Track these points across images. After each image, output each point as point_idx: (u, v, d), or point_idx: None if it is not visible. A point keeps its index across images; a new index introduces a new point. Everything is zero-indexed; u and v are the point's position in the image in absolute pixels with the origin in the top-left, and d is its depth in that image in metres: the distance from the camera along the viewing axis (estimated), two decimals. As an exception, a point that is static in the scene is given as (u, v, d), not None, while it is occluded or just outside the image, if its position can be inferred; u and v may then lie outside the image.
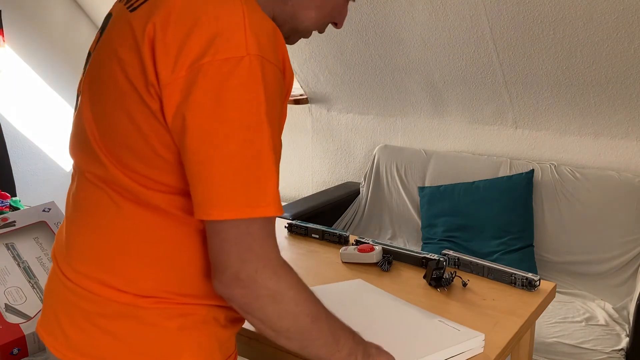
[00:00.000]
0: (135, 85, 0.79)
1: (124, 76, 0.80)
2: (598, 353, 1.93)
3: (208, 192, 0.76)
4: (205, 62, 0.74)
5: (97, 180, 0.86)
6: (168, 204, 0.83)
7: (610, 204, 2.40)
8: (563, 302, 2.22)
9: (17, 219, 1.60)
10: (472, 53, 2.56)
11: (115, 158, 0.83)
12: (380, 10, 2.61)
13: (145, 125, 0.79)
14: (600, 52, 2.26)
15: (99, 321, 0.86)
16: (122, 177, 0.83)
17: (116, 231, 0.85)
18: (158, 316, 0.86)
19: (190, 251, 0.86)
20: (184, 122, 0.76)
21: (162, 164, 0.81)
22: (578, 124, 2.57)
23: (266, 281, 0.79)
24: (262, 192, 0.77)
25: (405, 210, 2.88)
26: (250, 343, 1.24)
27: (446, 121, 2.94)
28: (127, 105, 0.80)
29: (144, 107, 0.79)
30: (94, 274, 0.87)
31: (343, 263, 1.59)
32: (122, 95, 0.81)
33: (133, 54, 0.80)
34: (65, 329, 0.89)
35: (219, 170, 0.75)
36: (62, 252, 0.93)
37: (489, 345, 1.16)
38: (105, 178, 0.85)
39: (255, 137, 0.76)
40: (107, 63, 0.84)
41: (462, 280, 1.44)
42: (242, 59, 0.75)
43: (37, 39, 3.42)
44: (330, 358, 0.89)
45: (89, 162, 0.87)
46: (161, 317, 0.86)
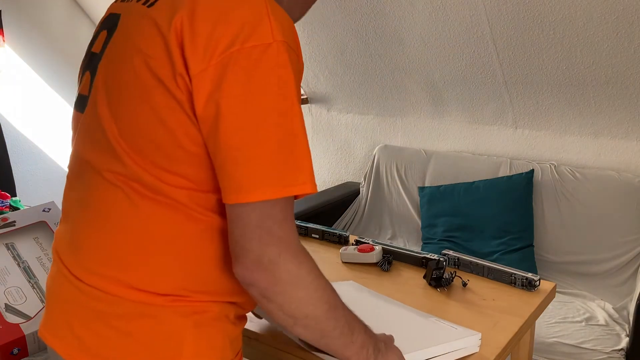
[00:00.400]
0: (161, 78, 0.79)
1: (148, 70, 0.81)
2: (598, 353, 1.93)
3: (245, 176, 0.78)
4: (235, 50, 0.77)
5: (115, 178, 0.85)
6: (188, 200, 0.83)
7: (610, 204, 2.39)
8: (563, 302, 2.22)
9: (17, 219, 1.60)
10: (472, 53, 2.56)
11: (137, 155, 0.83)
12: (380, 10, 2.61)
13: (170, 119, 0.80)
14: (600, 52, 2.26)
15: (115, 322, 0.85)
16: (143, 174, 0.82)
17: (134, 230, 0.85)
18: (174, 314, 0.86)
19: (207, 248, 0.87)
20: (218, 110, 0.77)
21: (186, 157, 0.81)
22: (578, 124, 2.57)
23: (288, 265, 0.80)
24: (300, 170, 0.80)
25: (405, 210, 2.88)
26: (251, 343, 1.24)
27: (446, 121, 2.93)
28: (152, 99, 0.80)
29: (171, 99, 0.79)
30: (111, 273, 0.86)
31: (343, 263, 1.59)
32: (146, 90, 0.81)
33: (159, 47, 0.80)
34: (77, 332, 0.87)
35: (256, 153, 0.77)
36: (68, 253, 0.91)
37: (489, 346, 1.16)
38: (124, 176, 0.84)
39: (289, 119, 0.79)
40: (127, 59, 0.84)
41: (462, 280, 1.44)
42: (270, 45, 0.78)
43: (37, 39, 3.42)
44: (344, 350, 0.89)
45: (105, 160, 0.86)
46: (177, 315, 0.86)
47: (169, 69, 0.79)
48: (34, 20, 3.42)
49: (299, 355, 1.17)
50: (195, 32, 0.78)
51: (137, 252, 0.85)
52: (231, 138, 0.78)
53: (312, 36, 2.93)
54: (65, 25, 3.57)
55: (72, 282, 0.89)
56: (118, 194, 0.85)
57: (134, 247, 0.85)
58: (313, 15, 2.82)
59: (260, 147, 0.77)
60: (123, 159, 0.84)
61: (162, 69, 0.80)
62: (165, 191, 0.83)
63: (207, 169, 0.83)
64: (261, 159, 0.78)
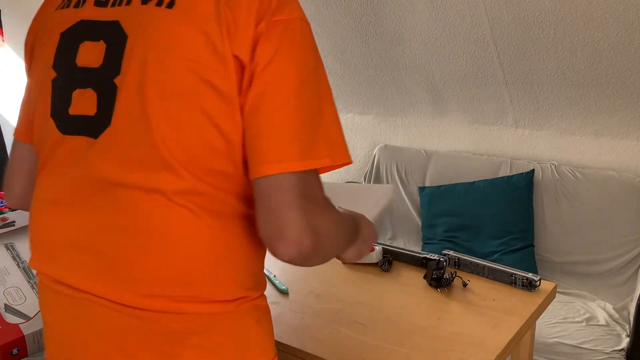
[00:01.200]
0: (212, 81, 0.79)
1: (196, 76, 0.79)
2: (598, 353, 1.93)
3: (291, 145, 0.79)
4: (274, 20, 0.80)
5: (167, 196, 0.80)
6: (237, 200, 0.84)
7: (611, 204, 2.39)
8: (563, 303, 2.22)
9: (16, 219, 1.60)
10: (472, 53, 2.56)
11: (192, 165, 0.80)
12: (381, 10, 2.60)
13: (224, 120, 0.80)
14: (600, 52, 2.26)
15: (191, 340, 0.83)
16: (199, 184, 0.81)
17: (198, 244, 0.82)
18: (244, 316, 0.87)
19: (253, 243, 0.88)
20: (265, 84, 0.79)
21: (229, 147, 0.82)
22: (578, 124, 2.57)
23: (330, 229, 0.84)
24: (341, 140, 0.84)
25: (406, 210, 2.88)
26: (250, 343, 1.24)
27: (446, 121, 2.93)
28: (204, 104, 0.79)
29: (223, 101, 0.79)
30: (180, 292, 0.82)
31: (343, 263, 1.59)
32: (197, 96, 0.79)
33: (207, 50, 0.79)
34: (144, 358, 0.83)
35: (302, 122, 0.80)
36: (106, 283, 0.83)
37: (489, 346, 1.16)
38: (181, 191, 0.80)
39: (325, 89, 0.84)
40: (170, 69, 0.80)
41: (463, 281, 1.44)
42: (301, 21, 0.83)
43: (37, 39, 3.41)
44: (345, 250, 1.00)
45: (155, 178, 0.80)
46: (246, 316, 0.87)
47: (220, 68, 0.78)
48: (34, 20, 3.41)
49: (299, 355, 1.17)
50: (237, 19, 0.79)
51: (205, 265, 0.83)
52: (277, 110, 0.79)
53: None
54: (65, 25, 3.57)
55: (124, 311, 0.83)
56: (175, 211, 0.81)
57: (201, 261, 0.82)
58: (313, 15, 2.82)
59: (305, 115, 0.80)
60: (180, 173, 0.80)
61: (211, 70, 0.78)
62: (220, 197, 0.83)
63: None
64: (312, 125, 0.81)
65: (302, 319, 1.28)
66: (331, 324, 1.25)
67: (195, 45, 0.79)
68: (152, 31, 0.81)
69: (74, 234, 0.86)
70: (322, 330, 1.23)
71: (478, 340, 1.18)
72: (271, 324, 0.94)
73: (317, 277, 1.50)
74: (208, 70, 0.78)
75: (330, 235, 0.85)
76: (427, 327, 1.24)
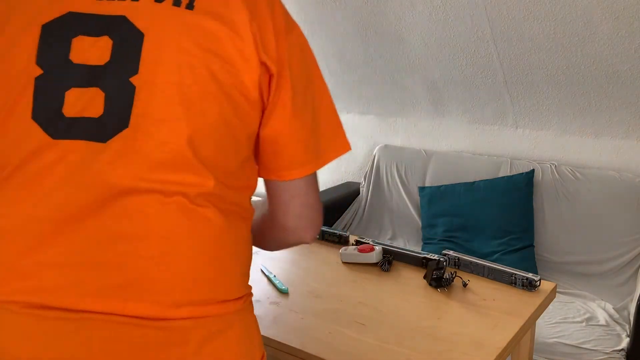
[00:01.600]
0: (237, 82, 0.81)
1: (225, 76, 0.80)
2: (598, 353, 1.93)
3: (319, 147, 0.90)
4: (289, 37, 0.86)
5: (190, 198, 0.79)
6: (246, 200, 0.89)
7: (611, 204, 2.39)
8: (563, 303, 2.22)
9: None
10: (472, 53, 2.56)
11: (213, 165, 0.81)
12: (381, 10, 2.60)
13: (247, 119, 0.84)
14: (600, 52, 2.26)
15: (212, 343, 0.82)
16: (217, 185, 0.81)
17: (215, 247, 0.82)
18: (250, 311, 0.90)
19: (250, 239, 0.92)
20: (288, 86, 0.85)
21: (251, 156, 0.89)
22: (578, 124, 2.57)
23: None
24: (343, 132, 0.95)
25: (406, 210, 2.88)
26: (250, 343, 1.24)
27: (446, 121, 2.93)
28: (231, 104, 0.81)
29: (248, 102, 0.83)
30: (203, 296, 0.81)
31: (343, 263, 1.59)
32: (223, 97, 0.80)
33: (235, 52, 0.81)
34: None
35: (327, 124, 0.92)
36: (118, 298, 0.77)
37: (489, 346, 1.16)
38: (204, 193, 0.80)
39: (324, 91, 0.92)
40: (194, 70, 0.79)
41: (463, 281, 1.44)
42: (303, 35, 0.90)
43: (37, 39, 3.41)
44: None
45: (178, 180, 0.78)
46: (251, 310, 0.91)
47: (247, 71, 0.81)
48: (34, 20, 3.41)
49: (299, 355, 1.17)
50: (262, 24, 0.83)
51: (225, 265, 0.84)
52: (300, 111, 0.86)
53: (312, 36, 2.93)
54: (65, 25, 3.57)
55: (141, 324, 0.78)
56: (199, 214, 0.80)
57: (223, 262, 0.83)
58: (313, 15, 2.82)
59: (329, 119, 0.92)
60: (203, 174, 0.79)
61: (238, 71, 0.80)
62: (232, 196, 0.85)
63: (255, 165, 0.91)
64: (330, 129, 0.92)
65: (302, 319, 1.28)
66: (331, 324, 1.25)
67: (222, 47, 0.79)
68: (175, 31, 0.78)
69: (67, 251, 0.77)
70: (322, 330, 1.23)
71: (478, 340, 1.18)
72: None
73: (317, 277, 1.50)
74: (234, 72, 0.80)
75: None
76: (427, 327, 1.24)
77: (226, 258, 0.84)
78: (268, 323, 1.26)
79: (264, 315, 1.29)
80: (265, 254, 1.65)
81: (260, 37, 0.81)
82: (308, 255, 1.64)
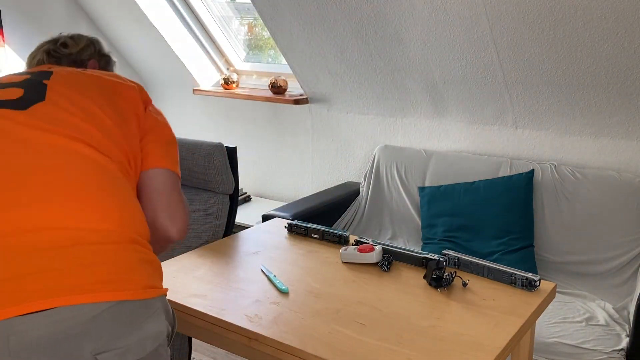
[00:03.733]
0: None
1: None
2: (598, 353, 1.93)
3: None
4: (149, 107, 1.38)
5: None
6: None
7: (611, 204, 2.39)
8: (563, 302, 2.22)
9: None
10: (472, 53, 2.56)
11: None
12: (380, 10, 2.60)
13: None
14: (600, 52, 2.26)
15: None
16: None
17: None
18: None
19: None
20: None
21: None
22: (578, 124, 2.57)
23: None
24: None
25: (405, 210, 2.88)
26: (251, 343, 1.24)
27: (446, 121, 2.93)
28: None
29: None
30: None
31: (343, 263, 1.59)
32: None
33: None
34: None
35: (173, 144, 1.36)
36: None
37: (489, 346, 1.16)
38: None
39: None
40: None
41: (462, 281, 1.44)
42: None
43: (37, 39, 3.41)
44: None
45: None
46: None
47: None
48: (34, 20, 3.42)
49: (299, 355, 1.17)
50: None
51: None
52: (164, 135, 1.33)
53: (312, 36, 2.93)
54: (65, 25, 3.57)
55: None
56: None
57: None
58: (313, 15, 2.82)
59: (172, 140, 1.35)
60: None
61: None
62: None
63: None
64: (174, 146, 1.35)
65: (302, 319, 1.28)
66: (331, 324, 1.26)
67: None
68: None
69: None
70: (322, 330, 1.23)
71: (478, 340, 1.18)
72: None
73: (317, 277, 1.50)
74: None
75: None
76: (427, 327, 1.24)
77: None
78: (268, 323, 1.26)
79: (264, 315, 1.30)
80: (265, 253, 1.65)
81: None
82: (308, 255, 1.65)
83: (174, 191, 1.24)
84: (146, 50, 3.77)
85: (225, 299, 1.39)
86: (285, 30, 2.99)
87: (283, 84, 3.36)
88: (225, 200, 2.01)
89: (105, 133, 1.14)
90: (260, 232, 1.83)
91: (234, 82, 3.59)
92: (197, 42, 3.67)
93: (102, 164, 1.10)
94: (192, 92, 3.76)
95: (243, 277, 1.50)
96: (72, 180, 1.05)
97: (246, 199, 3.58)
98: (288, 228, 1.82)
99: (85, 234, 1.01)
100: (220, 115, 3.78)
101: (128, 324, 1.00)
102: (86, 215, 1.03)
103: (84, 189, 1.05)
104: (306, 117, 3.40)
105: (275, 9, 2.91)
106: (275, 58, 3.67)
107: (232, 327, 1.27)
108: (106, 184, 1.08)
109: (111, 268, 1.01)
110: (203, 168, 1.99)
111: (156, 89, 4.06)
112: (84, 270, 0.98)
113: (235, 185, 2.03)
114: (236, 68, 3.81)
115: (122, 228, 1.06)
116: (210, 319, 1.31)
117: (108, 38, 3.83)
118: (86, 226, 1.02)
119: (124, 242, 1.05)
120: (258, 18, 3.41)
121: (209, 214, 2.00)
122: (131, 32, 3.67)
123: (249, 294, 1.41)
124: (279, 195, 3.64)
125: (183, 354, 1.88)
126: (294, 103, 3.28)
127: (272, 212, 2.65)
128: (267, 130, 3.59)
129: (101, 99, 1.19)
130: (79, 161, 1.08)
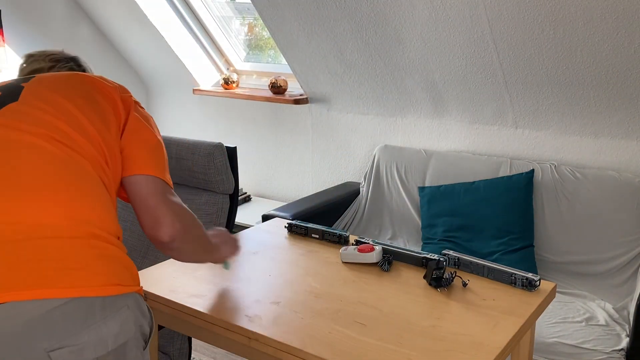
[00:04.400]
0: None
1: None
2: (598, 353, 1.93)
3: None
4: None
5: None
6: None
7: (611, 204, 2.39)
8: (563, 302, 2.22)
9: None
10: (472, 53, 2.56)
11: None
12: (380, 10, 2.60)
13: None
14: (600, 52, 2.26)
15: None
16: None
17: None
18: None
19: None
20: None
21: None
22: (578, 124, 2.57)
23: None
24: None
25: (405, 210, 2.88)
26: (251, 343, 1.24)
27: (446, 121, 2.93)
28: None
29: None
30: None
31: (343, 263, 1.59)
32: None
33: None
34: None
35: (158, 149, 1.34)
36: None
37: (489, 346, 1.16)
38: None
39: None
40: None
41: (462, 280, 1.44)
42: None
43: (37, 39, 3.42)
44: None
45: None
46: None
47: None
48: (34, 20, 3.42)
49: (299, 355, 1.17)
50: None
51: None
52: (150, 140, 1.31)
53: (312, 36, 2.93)
54: (65, 25, 3.58)
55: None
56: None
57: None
58: (313, 15, 2.82)
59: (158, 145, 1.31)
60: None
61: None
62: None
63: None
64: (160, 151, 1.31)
65: (302, 319, 1.28)
66: (331, 324, 1.26)
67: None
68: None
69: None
70: (322, 330, 1.23)
71: (478, 340, 1.18)
72: None
73: (317, 277, 1.50)
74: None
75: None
76: (427, 327, 1.24)
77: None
78: (268, 323, 1.26)
79: (264, 315, 1.30)
80: (265, 253, 1.65)
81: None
82: (308, 255, 1.65)
83: (158, 195, 1.22)
84: (146, 50, 3.77)
85: (225, 299, 1.39)
86: (285, 30, 2.99)
87: (283, 84, 3.36)
88: (225, 200, 2.01)
89: (78, 129, 1.13)
90: (260, 232, 1.83)
91: (234, 82, 3.59)
92: (197, 42, 3.67)
93: (66, 159, 1.08)
94: (192, 92, 3.76)
95: (243, 277, 1.50)
96: (28, 174, 1.04)
97: (246, 199, 3.58)
98: (288, 228, 1.82)
99: (37, 228, 1.00)
100: (220, 115, 3.78)
101: (82, 321, 0.98)
102: (40, 209, 1.02)
103: (39, 183, 1.03)
104: (306, 117, 3.40)
105: (275, 9, 2.91)
106: (275, 58, 3.67)
107: (232, 327, 1.27)
108: (68, 178, 1.07)
109: (61, 264, 0.99)
110: (203, 168, 1.99)
111: (156, 89, 4.07)
112: (32, 265, 0.97)
113: (235, 185, 2.03)
114: (236, 68, 3.81)
115: (79, 223, 1.04)
116: (210, 319, 1.31)
117: (108, 38, 3.83)
118: (38, 221, 1.01)
119: (79, 237, 1.03)
120: (258, 18, 3.41)
121: (209, 214, 2.00)
122: (131, 32, 3.67)
123: (249, 294, 1.41)
124: (279, 195, 3.64)
125: (183, 354, 1.88)
126: (294, 103, 3.29)
127: (272, 212, 2.65)
128: (267, 130, 3.59)
129: (78, 98, 1.18)
130: (39, 156, 1.06)
